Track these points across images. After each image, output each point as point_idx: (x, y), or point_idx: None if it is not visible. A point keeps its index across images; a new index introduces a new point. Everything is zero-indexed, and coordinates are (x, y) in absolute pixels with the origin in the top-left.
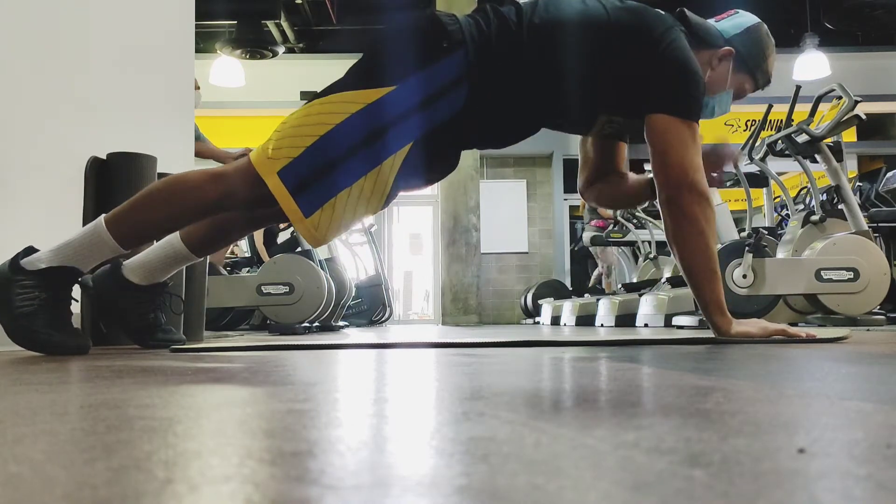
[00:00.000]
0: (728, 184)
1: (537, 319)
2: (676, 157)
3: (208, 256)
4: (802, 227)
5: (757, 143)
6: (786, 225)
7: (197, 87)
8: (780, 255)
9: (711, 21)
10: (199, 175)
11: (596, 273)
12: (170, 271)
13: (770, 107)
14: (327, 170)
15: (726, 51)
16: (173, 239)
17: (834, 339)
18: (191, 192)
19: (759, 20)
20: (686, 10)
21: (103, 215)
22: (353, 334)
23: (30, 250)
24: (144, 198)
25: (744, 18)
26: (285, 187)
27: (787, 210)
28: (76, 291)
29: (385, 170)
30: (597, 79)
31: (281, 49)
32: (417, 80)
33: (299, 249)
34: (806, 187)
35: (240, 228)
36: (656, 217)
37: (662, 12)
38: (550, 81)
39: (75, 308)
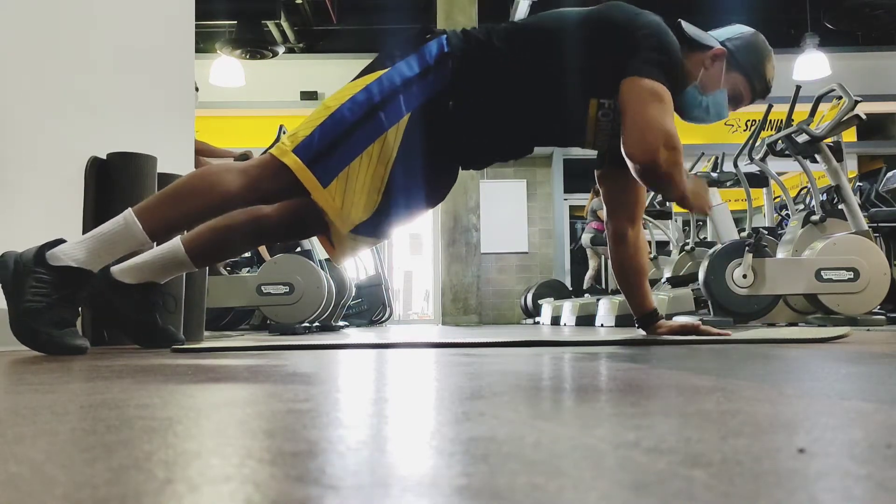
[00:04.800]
0: (728, 184)
1: (537, 319)
2: (647, 119)
3: None
4: (802, 227)
5: (757, 143)
6: (786, 225)
7: (196, 89)
8: (780, 255)
9: (710, 32)
10: (225, 169)
11: (589, 274)
12: (166, 276)
13: (770, 107)
14: (338, 142)
15: (718, 50)
16: (174, 244)
17: (828, 338)
18: (217, 184)
19: (755, 31)
20: (682, 20)
21: (131, 208)
22: (353, 334)
23: (59, 241)
24: (173, 191)
25: (739, 28)
26: (302, 162)
27: (787, 210)
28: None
29: (390, 139)
30: (580, 64)
31: (281, 49)
32: (406, 61)
33: (299, 249)
34: (806, 187)
35: (243, 242)
36: (656, 217)
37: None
38: (532, 75)
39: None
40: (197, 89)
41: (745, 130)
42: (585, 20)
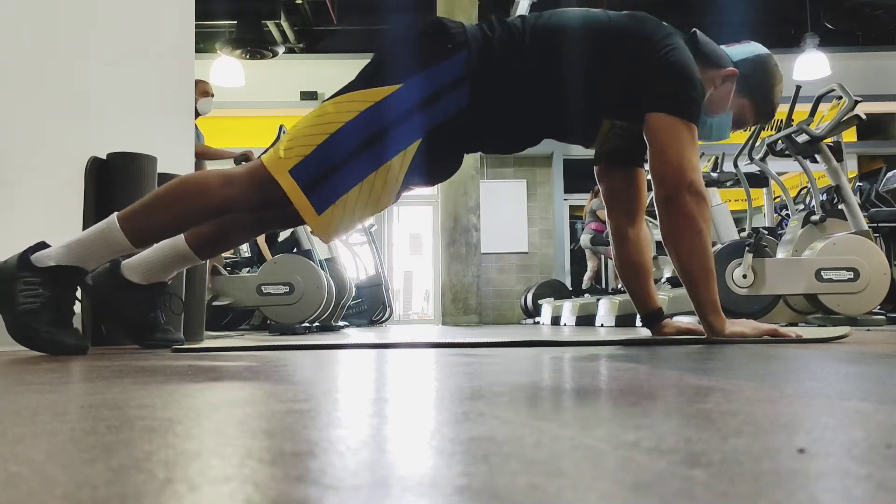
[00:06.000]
0: (728, 184)
1: (537, 319)
2: (675, 157)
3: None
4: (802, 227)
5: (757, 143)
6: (786, 225)
7: (211, 94)
8: (780, 255)
9: (723, 46)
10: (212, 177)
11: (587, 275)
12: (172, 271)
13: None
14: (338, 167)
15: (730, 71)
16: (177, 239)
17: (829, 338)
18: (204, 193)
19: (769, 52)
20: (698, 31)
21: (116, 213)
22: (353, 334)
23: (41, 245)
24: (158, 198)
25: (754, 47)
26: (298, 185)
27: (787, 210)
28: (78, 291)
29: (395, 166)
30: (598, 82)
31: (281, 49)
32: (422, 78)
33: (296, 250)
34: (806, 187)
35: (244, 232)
36: (656, 217)
37: (664, 23)
38: (553, 84)
39: (76, 307)
40: (212, 95)
41: (745, 130)
42: (609, 32)
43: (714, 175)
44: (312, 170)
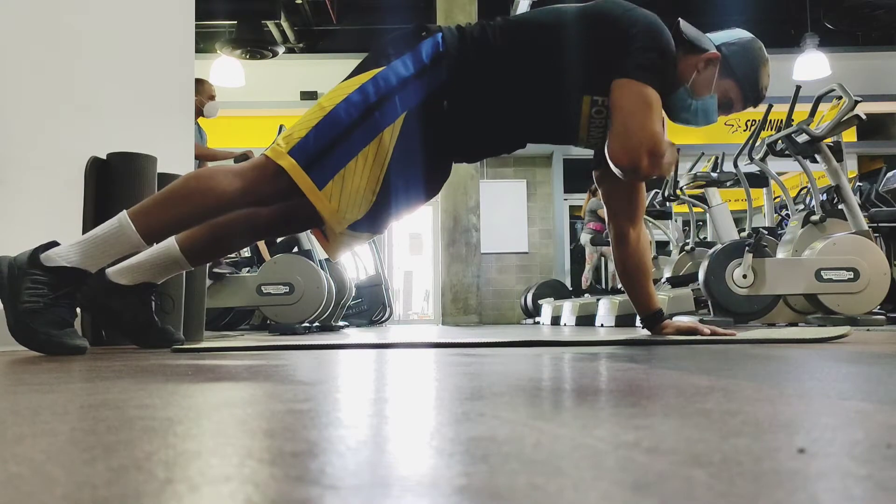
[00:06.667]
0: (728, 184)
1: (537, 319)
2: (637, 125)
3: None
4: (802, 227)
5: (757, 143)
6: (786, 225)
7: (213, 97)
8: (780, 255)
9: (708, 34)
10: (221, 172)
11: (584, 275)
12: (163, 276)
13: (770, 107)
14: (334, 144)
15: (712, 54)
16: (169, 244)
17: (828, 338)
18: (213, 188)
19: (754, 37)
20: (682, 20)
21: (126, 211)
22: (353, 334)
23: (52, 244)
24: (168, 194)
25: (738, 32)
26: (298, 164)
27: (787, 210)
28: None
29: (385, 140)
30: (574, 61)
31: (281, 49)
32: (402, 59)
33: (296, 250)
34: (806, 187)
35: (239, 240)
36: (656, 217)
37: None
38: (534, 73)
39: (77, 309)
40: (214, 97)
41: (745, 130)
42: (580, 17)
43: (714, 175)
44: (310, 149)
